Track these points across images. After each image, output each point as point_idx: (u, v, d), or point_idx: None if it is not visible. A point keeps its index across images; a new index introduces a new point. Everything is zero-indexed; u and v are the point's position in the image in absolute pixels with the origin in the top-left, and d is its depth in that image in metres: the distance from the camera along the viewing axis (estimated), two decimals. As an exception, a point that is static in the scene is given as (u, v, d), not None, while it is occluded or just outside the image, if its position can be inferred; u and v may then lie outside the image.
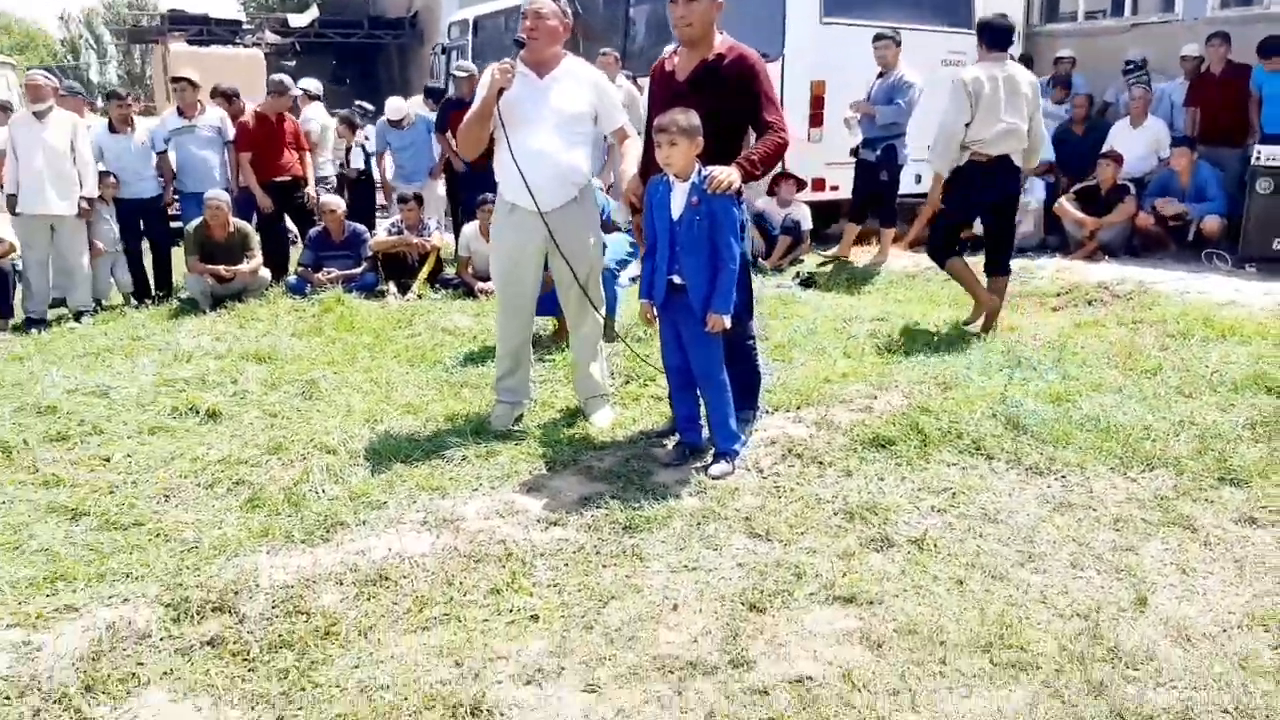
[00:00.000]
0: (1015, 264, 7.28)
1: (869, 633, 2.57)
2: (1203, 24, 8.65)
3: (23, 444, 4.19)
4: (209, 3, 23.52)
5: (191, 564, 3.00)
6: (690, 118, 3.34)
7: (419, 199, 7.82)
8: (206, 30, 21.20)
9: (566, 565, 2.98)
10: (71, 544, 3.18)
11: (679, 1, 3.62)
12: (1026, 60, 8.78)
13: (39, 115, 6.72)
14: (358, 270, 7.51)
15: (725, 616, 2.66)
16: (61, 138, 6.72)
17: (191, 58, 17.78)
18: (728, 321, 3.45)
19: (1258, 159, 7.02)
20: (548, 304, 4.56)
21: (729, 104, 3.58)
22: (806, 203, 8.07)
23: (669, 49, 3.91)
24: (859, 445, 3.82)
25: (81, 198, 6.83)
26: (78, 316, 7.04)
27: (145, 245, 7.74)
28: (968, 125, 5.34)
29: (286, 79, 8.14)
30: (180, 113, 7.60)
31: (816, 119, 8.01)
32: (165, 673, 2.47)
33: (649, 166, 3.75)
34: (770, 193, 7.86)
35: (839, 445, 3.83)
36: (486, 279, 6.90)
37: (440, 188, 8.88)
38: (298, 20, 22.18)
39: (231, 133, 7.67)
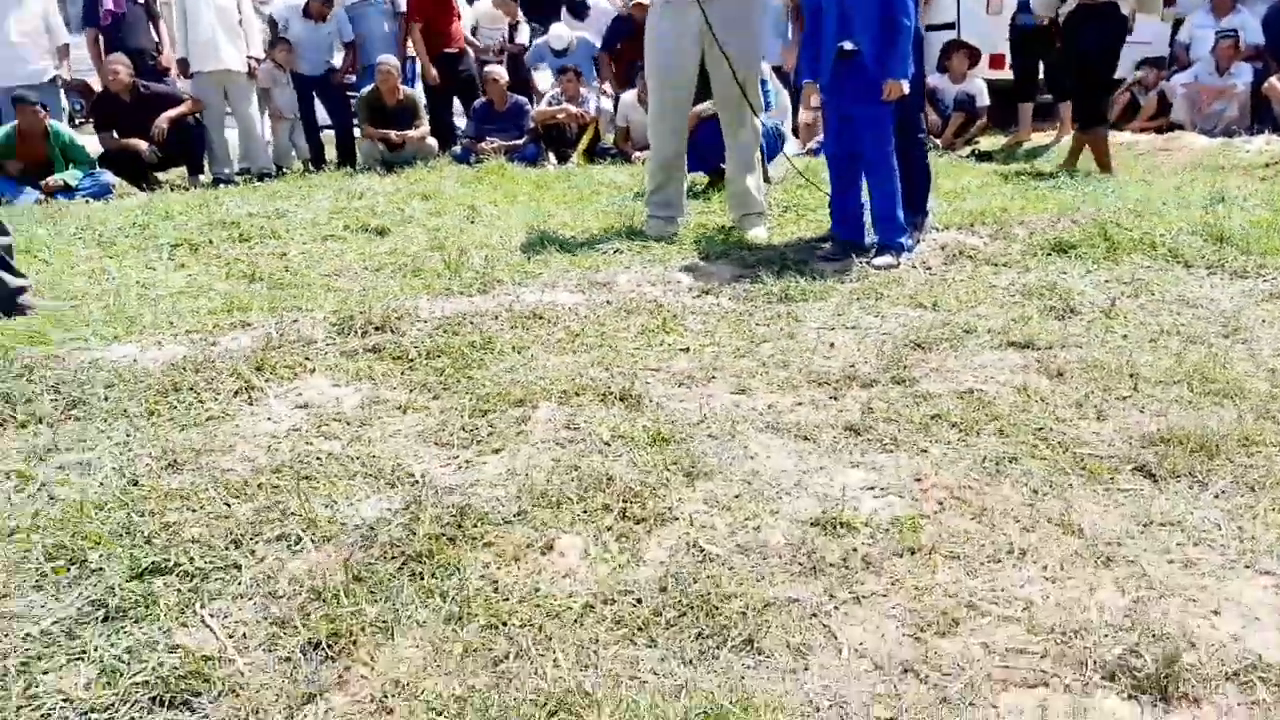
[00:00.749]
0: (1218, 142, 6.70)
1: (1048, 364, 2.37)
2: None
3: (208, 242, 4.43)
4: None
5: (356, 301, 3.07)
6: None
7: (578, 72, 7.79)
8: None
9: (719, 321, 2.89)
10: (248, 293, 3.33)
11: None
12: None
13: None
14: (520, 141, 7.58)
15: (888, 352, 2.51)
16: None
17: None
18: (905, 87, 3.24)
19: None
20: (697, 158, 4.47)
21: None
22: (985, 80, 7.57)
23: None
24: (1039, 250, 3.54)
25: (250, 57, 7.12)
26: (261, 177, 7.40)
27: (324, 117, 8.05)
28: None
29: None
30: None
31: (998, -14, 7.47)
32: (329, 366, 2.54)
33: None
34: (941, 68, 7.42)
35: (1016, 250, 3.57)
36: (644, 148, 6.83)
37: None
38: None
39: (404, 3, 7.84)
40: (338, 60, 7.93)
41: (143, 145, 6.68)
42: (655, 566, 1.55)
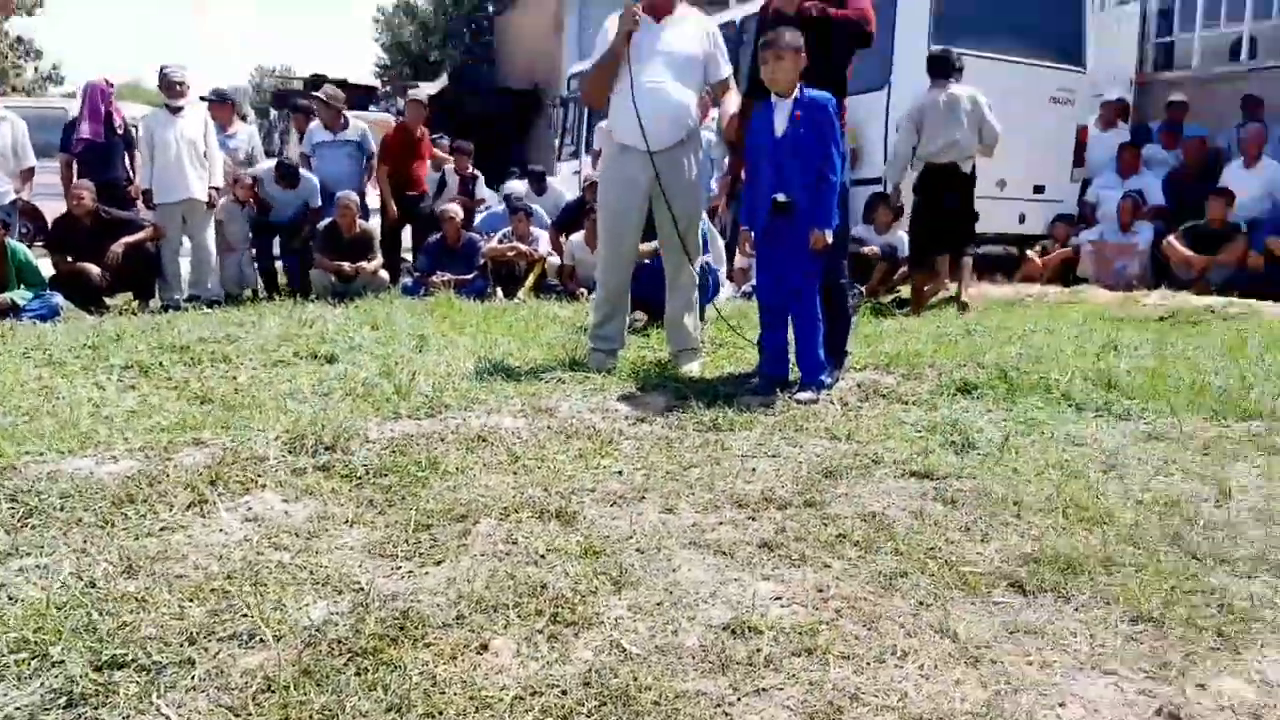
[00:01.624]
0: (1119, 295, 7.25)
1: (944, 493, 2.62)
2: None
3: (159, 365, 4.56)
4: (347, 69, 25.29)
5: (308, 422, 3.24)
6: (795, 36, 3.57)
7: (528, 212, 8.23)
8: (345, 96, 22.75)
9: (652, 446, 3.12)
10: (201, 413, 3.48)
11: None
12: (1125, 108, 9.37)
13: (174, 110, 7.35)
14: (470, 276, 7.91)
15: (803, 478, 2.75)
16: (196, 130, 7.35)
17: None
18: (830, 238, 3.60)
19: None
20: (640, 296, 4.84)
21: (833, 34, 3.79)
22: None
23: None
24: (945, 390, 3.86)
25: (211, 187, 7.43)
26: (210, 305, 7.58)
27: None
28: (914, 147, 6.68)
29: (422, 93, 8.77)
30: (325, 126, 8.27)
31: (921, 145, 8.13)
32: (280, 482, 2.69)
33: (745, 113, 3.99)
34: (867, 219, 7.99)
35: (925, 390, 3.89)
36: (588, 286, 7.19)
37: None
38: (428, 88, 23.63)
39: (371, 143, 8.29)
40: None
41: (94, 269, 6.84)
42: (580, 664, 1.72)
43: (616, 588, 2.03)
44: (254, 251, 8.26)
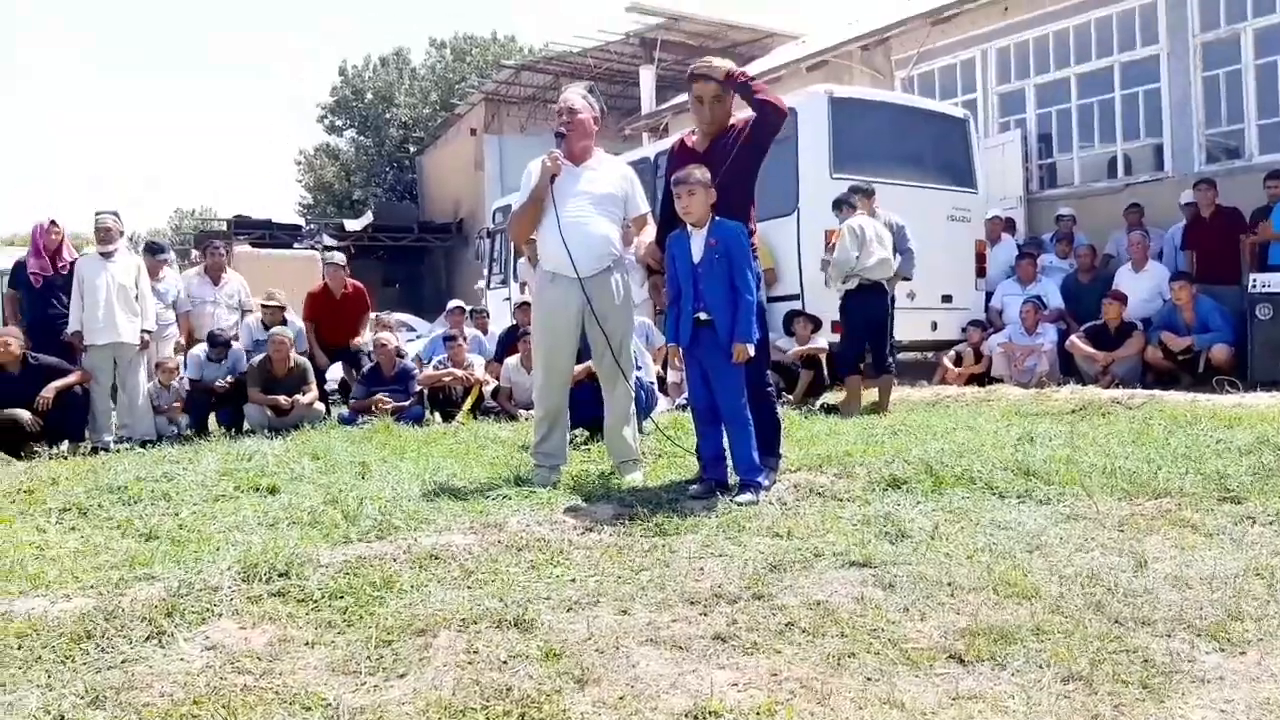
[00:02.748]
0: (1031, 392, 7.64)
1: (882, 578, 2.77)
2: (1191, 179, 9.34)
3: (97, 506, 4.52)
4: (271, 209, 25.63)
5: (259, 551, 3.25)
6: (704, 172, 3.87)
7: (463, 337, 8.39)
8: (269, 234, 22.97)
9: (601, 554, 3.21)
10: (148, 549, 3.46)
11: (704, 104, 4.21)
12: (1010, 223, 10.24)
13: (106, 255, 7.43)
14: (406, 403, 7.96)
15: (750, 573, 2.87)
16: (128, 275, 7.42)
17: (253, 258, 19.26)
18: (751, 350, 3.82)
19: (1254, 286, 7.44)
20: (579, 413, 5.00)
21: (739, 164, 4.09)
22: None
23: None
24: (876, 486, 4.06)
25: (143, 330, 7.46)
26: (142, 445, 7.48)
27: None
28: (857, 257, 7.03)
29: (339, 256, 9.00)
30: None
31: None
32: (236, 610, 2.71)
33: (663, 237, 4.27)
34: (788, 331, 8.33)
35: (858, 487, 4.07)
36: (526, 407, 7.31)
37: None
38: (353, 225, 24.02)
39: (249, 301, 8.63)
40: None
41: (25, 415, 6.75)
42: (552, 757, 1.79)
43: (580, 685, 2.11)
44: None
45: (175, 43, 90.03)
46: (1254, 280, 7.47)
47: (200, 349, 8.19)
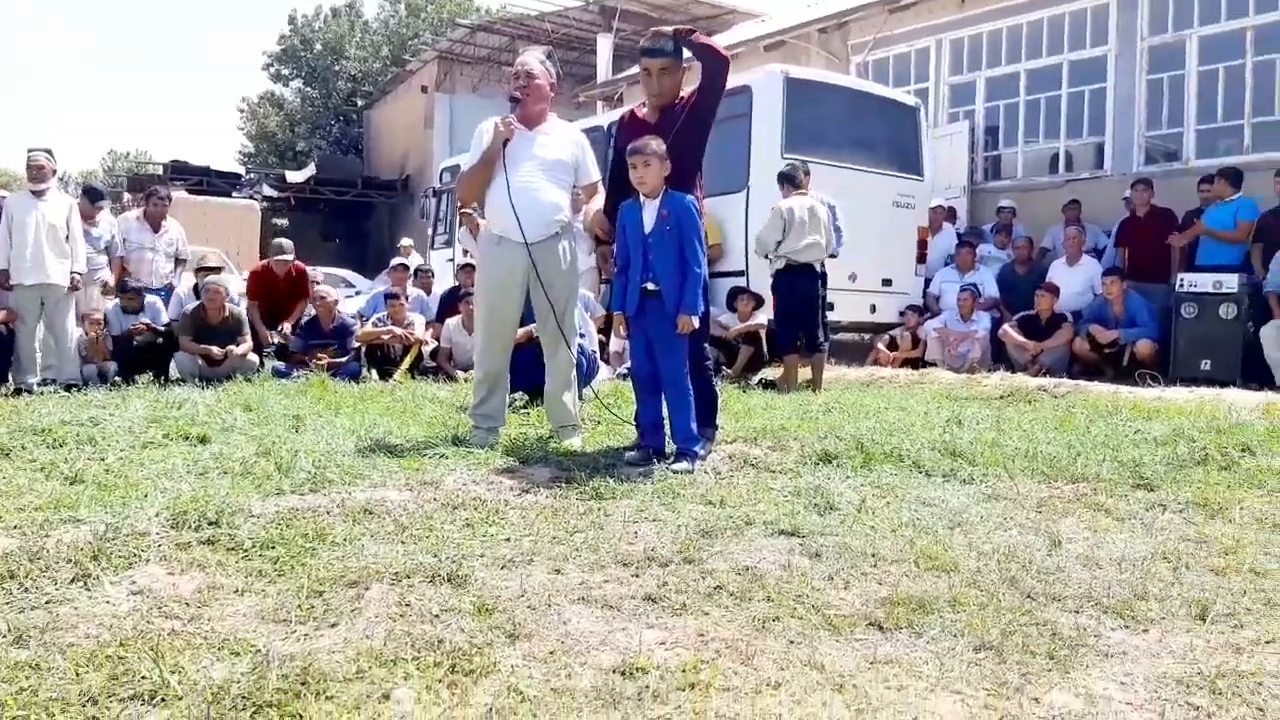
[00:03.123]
0: (963, 377, 7.84)
1: (809, 548, 2.85)
2: (1130, 178, 9.61)
3: (20, 447, 4.40)
4: (210, 156, 24.96)
5: (188, 499, 3.22)
6: (659, 144, 3.88)
7: (405, 295, 8.30)
8: (207, 181, 22.33)
9: (537, 515, 3.24)
10: (73, 493, 3.40)
11: (653, 77, 4.22)
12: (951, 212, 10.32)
13: (38, 194, 7.19)
14: (343, 359, 7.87)
15: (682, 539, 2.93)
16: (59, 215, 7.20)
17: (190, 205, 18.73)
18: (696, 322, 3.86)
19: (1181, 286, 7.71)
20: (519, 376, 5.00)
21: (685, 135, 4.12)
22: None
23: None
24: (808, 460, 4.15)
25: (73, 272, 7.24)
26: (67, 388, 7.28)
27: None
28: (779, 242, 7.17)
29: (286, 243, 8.81)
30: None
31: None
32: (164, 556, 2.69)
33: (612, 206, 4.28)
34: (731, 307, 8.41)
35: (790, 460, 4.16)
36: (465, 368, 7.28)
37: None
38: (295, 176, 23.45)
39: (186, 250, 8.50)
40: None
41: (-55, 352, 6.53)
42: (480, 707, 1.82)
43: (511, 639, 2.14)
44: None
45: (175, 43, 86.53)
46: (1181, 280, 7.74)
47: (112, 301, 8.01)
